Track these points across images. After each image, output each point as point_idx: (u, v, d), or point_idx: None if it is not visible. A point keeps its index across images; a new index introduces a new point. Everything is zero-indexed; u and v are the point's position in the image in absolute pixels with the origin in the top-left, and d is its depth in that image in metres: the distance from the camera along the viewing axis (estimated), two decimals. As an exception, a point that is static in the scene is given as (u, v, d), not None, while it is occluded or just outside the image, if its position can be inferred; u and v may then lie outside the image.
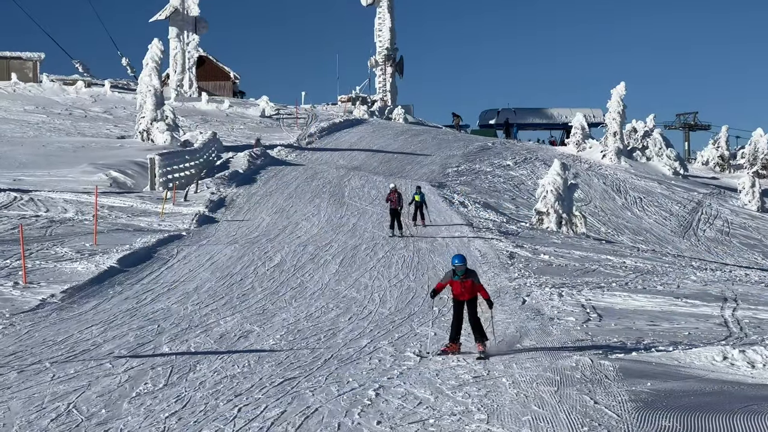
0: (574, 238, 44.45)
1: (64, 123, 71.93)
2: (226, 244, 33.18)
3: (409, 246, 35.24)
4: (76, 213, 37.71)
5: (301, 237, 36.28)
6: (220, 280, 27.12)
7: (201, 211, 40.53)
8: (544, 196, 47.52)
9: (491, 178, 63.68)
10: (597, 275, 31.15)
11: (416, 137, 79.83)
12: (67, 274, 25.93)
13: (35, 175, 47.07)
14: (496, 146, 79.88)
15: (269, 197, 46.17)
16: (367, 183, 52.34)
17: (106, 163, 50.35)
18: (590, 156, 79.57)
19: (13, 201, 39.07)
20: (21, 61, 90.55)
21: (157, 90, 60.64)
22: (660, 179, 73.76)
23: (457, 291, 18.24)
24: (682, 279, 31.18)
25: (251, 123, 79.96)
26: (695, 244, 53.12)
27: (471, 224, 42.41)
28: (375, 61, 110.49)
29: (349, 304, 24.41)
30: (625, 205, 61.90)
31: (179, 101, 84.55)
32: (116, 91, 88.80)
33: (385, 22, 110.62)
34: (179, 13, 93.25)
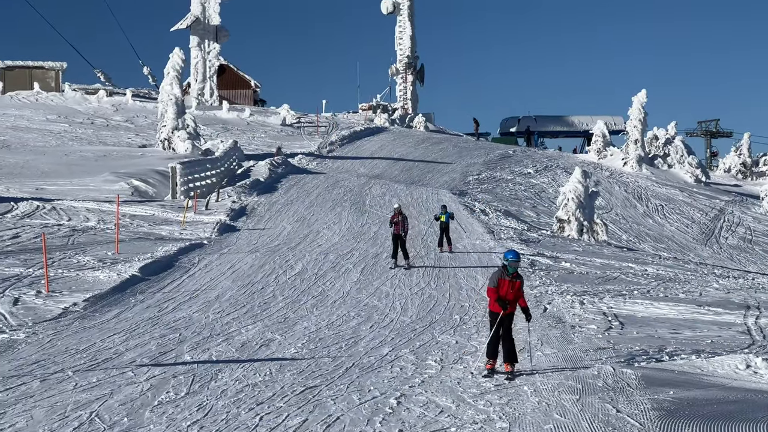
0: (595, 245, 44.33)
1: (86, 132, 72.20)
2: (247, 253, 33.21)
3: (430, 254, 35.21)
4: (98, 222, 37.83)
5: (322, 245, 36.29)
6: (241, 288, 27.15)
7: (222, 220, 40.59)
8: (565, 203, 47.41)
9: (512, 186, 63.59)
10: (619, 283, 31.05)
11: (437, 145, 79.80)
12: (90, 283, 26.01)
13: (57, 184, 47.24)
14: (517, 154, 79.78)
15: (290, 206, 46.21)
16: (388, 191, 52.34)
17: (128, 171, 50.50)
18: (611, 163, 79.37)
19: (36, 210, 39.22)
20: (43, 71, 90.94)
21: (178, 99, 60.80)
22: (682, 186, 73.55)
23: (504, 292, 17.41)
24: (704, 287, 31.06)
25: (272, 131, 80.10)
26: (717, 252, 52.91)
27: (492, 232, 42.34)
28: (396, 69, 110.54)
29: (371, 313, 24.41)
30: (647, 212, 61.71)
31: (200, 110, 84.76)
32: (138, 100, 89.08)
33: (405, 30, 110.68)
34: (200, 23, 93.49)
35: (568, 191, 47.64)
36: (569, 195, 47.26)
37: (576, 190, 47.30)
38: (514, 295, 17.40)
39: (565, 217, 47.20)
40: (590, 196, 48.08)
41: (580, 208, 47.01)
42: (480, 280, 29.50)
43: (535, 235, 44.42)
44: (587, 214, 47.31)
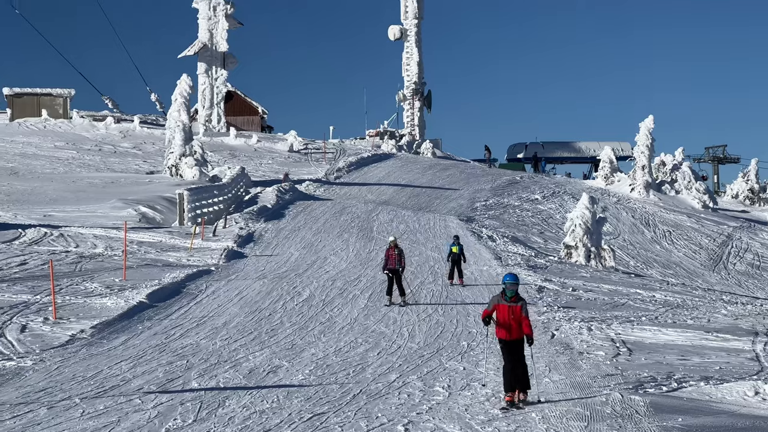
0: (603, 271, 44.29)
1: (94, 159, 72.32)
2: (254, 279, 33.21)
3: (438, 281, 35.20)
4: (105, 248, 37.85)
5: (329, 272, 36.27)
6: (248, 315, 27.14)
7: (229, 246, 40.60)
8: (573, 229, 47.37)
9: (519, 212, 63.55)
10: (626, 309, 31.00)
11: (444, 171, 79.84)
12: (97, 310, 26.01)
13: (65, 211, 47.29)
14: (524, 180, 79.77)
15: (297, 232, 46.23)
16: (396, 217, 52.35)
17: (135, 198, 50.57)
18: (619, 189, 79.27)
19: (44, 236, 39.26)
20: (51, 98, 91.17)
21: (185, 125, 60.91)
22: (689, 212, 73.45)
23: (503, 317, 17.10)
24: (712, 313, 30.99)
25: (279, 158, 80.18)
26: (725, 278, 52.78)
27: (499, 258, 42.33)
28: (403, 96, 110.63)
29: (378, 339, 24.37)
30: (654, 238, 61.61)
31: (208, 136, 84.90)
32: (145, 126, 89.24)
33: (412, 56, 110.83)
34: (208, 49, 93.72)
35: (575, 217, 47.59)
36: (577, 221, 47.21)
37: (583, 216, 47.25)
38: (516, 321, 17.10)
39: (573, 243, 47.14)
40: (598, 222, 48.03)
41: (587, 234, 46.95)
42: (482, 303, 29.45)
43: (543, 261, 44.38)
44: (595, 240, 47.25)
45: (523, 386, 17.16)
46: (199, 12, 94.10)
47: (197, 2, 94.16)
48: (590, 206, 47.73)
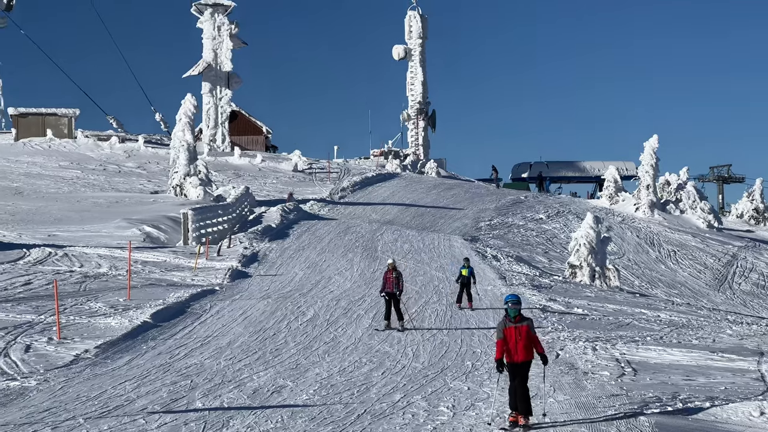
0: (607, 291, 44.24)
1: (99, 178, 72.41)
2: (259, 299, 33.19)
3: (442, 300, 35.16)
4: (109, 268, 37.85)
5: (333, 291, 36.25)
6: (253, 335, 27.11)
7: (234, 266, 40.59)
8: (577, 249, 47.32)
9: (524, 231, 63.52)
10: (631, 329, 30.95)
11: (449, 191, 79.85)
12: (101, 330, 26.01)
13: (70, 231, 47.31)
14: (529, 200, 79.77)
15: (302, 252, 46.21)
16: (400, 237, 52.33)
17: (140, 218, 50.59)
18: (623, 209, 79.22)
19: (48, 256, 39.26)
20: (56, 118, 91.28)
21: (190, 145, 60.99)
22: (694, 232, 73.38)
23: (511, 341, 16.91)
24: (717, 333, 30.94)
25: (284, 177, 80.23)
26: (731, 298, 52.70)
27: (504, 278, 42.30)
28: (407, 115, 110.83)
29: (383, 359, 24.34)
30: (659, 258, 61.55)
31: (212, 156, 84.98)
32: (150, 146, 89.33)
33: (417, 76, 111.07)
34: (212, 69, 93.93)
35: (579, 237, 47.56)
36: (581, 240, 47.18)
37: (588, 236, 47.21)
38: (524, 343, 16.93)
39: (577, 262, 47.09)
40: (602, 242, 47.98)
41: (592, 254, 46.90)
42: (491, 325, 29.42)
43: (547, 281, 44.34)
44: (599, 259, 47.20)
45: (524, 411, 16.95)
46: (204, 32, 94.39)
47: (202, 22, 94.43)
48: (595, 226, 47.70)
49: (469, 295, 33.96)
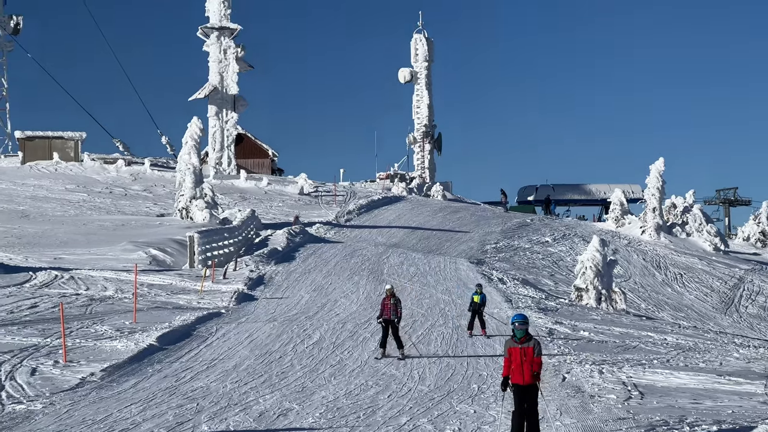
0: (614, 314, 44.17)
1: (105, 201, 72.49)
2: (265, 322, 33.17)
3: (448, 323, 35.11)
4: (115, 291, 37.86)
5: (339, 314, 36.22)
6: (259, 357, 27.09)
7: (240, 289, 40.58)
8: (584, 272, 47.27)
9: (530, 254, 63.48)
10: (638, 352, 30.88)
11: (455, 214, 79.87)
12: (107, 353, 25.99)
13: (76, 254, 47.34)
14: (535, 223, 79.74)
15: (308, 275, 46.19)
16: (406, 260, 52.31)
17: (146, 241, 50.60)
18: (629, 232, 79.15)
19: (54, 279, 39.29)
20: (63, 141, 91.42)
21: (196, 168, 61.06)
22: (700, 255, 73.28)
23: (516, 362, 16.87)
24: (724, 356, 30.86)
25: (290, 200, 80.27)
26: (737, 321, 52.61)
27: (510, 301, 42.26)
28: (413, 138, 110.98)
29: (389, 382, 24.30)
30: (666, 281, 61.47)
31: (218, 179, 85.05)
32: (156, 169, 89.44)
33: (423, 99, 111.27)
34: (218, 92, 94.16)
35: (586, 260, 47.51)
36: (587, 263, 47.13)
37: (594, 259, 47.17)
38: (529, 363, 16.88)
39: (584, 285, 47.04)
40: (608, 265, 47.94)
41: (598, 277, 46.85)
42: (498, 349, 29.39)
43: (553, 304, 44.29)
44: (605, 282, 47.15)
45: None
46: (210, 55, 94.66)
47: (208, 45, 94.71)
48: (601, 249, 47.65)
49: (482, 322, 32.90)
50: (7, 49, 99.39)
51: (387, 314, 28.41)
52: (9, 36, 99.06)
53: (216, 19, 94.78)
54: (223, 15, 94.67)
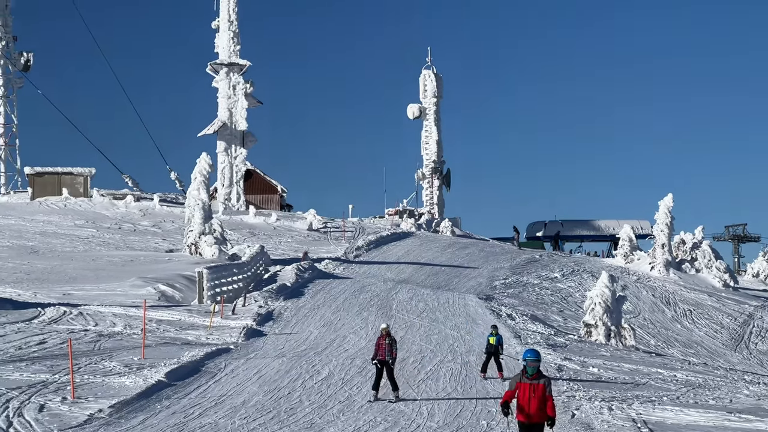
0: (623, 350, 44.07)
1: (114, 237, 72.57)
2: (273, 358, 33.12)
3: (457, 359, 35.02)
4: (124, 327, 37.84)
5: (348, 350, 36.16)
6: (267, 393, 27.04)
7: (249, 325, 40.53)
8: (593, 308, 47.19)
9: (539, 290, 63.41)
10: (647, 389, 30.79)
11: (463, 250, 79.85)
12: (115, 389, 25.95)
13: (84, 289, 47.36)
14: (544, 258, 79.70)
15: (317, 310, 46.15)
16: (415, 296, 52.25)
17: (155, 276, 50.63)
18: (638, 268, 79.07)
19: (63, 315, 39.28)
20: (72, 176, 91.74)
21: (205, 204, 61.13)
22: (710, 291, 73.13)
23: (524, 398, 16.64)
24: (734, 393, 30.75)
25: (299, 236, 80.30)
26: (747, 358, 52.45)
27: (519, 337, 42.19)
28: (422, 174, 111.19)
29: (397, 418, 24.24)
30: (675, 317, 61.33)
31: (227, 214, 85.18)
32: (165, 204, 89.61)
33: (431, 135, 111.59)
34: (227, 128, 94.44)
35: (595, 296, 47.44)
36: (596, 299, 47.06)
37: (603, 295, 47.09)
38: (538, 401, 16.65)
39: (593, 321, 46.95)
40: (617, 301, 47.85)
41: (607, 313, 46.76)
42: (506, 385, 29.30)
43: (562, 340, 44.20)
44: (615, 318, 47.05)
45: None
46: (219, 91, 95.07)
47: (217, 81, 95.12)
48: (610, 285, 47.59)
49: (498, 365, 31.69)
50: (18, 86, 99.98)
51: (382, 355, 27.25)
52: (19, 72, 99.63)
53: (225, 56, 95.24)
54: (233, 51, 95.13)
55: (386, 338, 27.35)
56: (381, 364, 27.21)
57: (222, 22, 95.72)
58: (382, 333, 27.57)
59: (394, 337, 27.74)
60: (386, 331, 27.63)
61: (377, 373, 27.28)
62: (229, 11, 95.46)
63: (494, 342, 31.61)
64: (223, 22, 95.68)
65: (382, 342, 27.31)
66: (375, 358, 27.41)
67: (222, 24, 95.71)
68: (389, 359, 27.10)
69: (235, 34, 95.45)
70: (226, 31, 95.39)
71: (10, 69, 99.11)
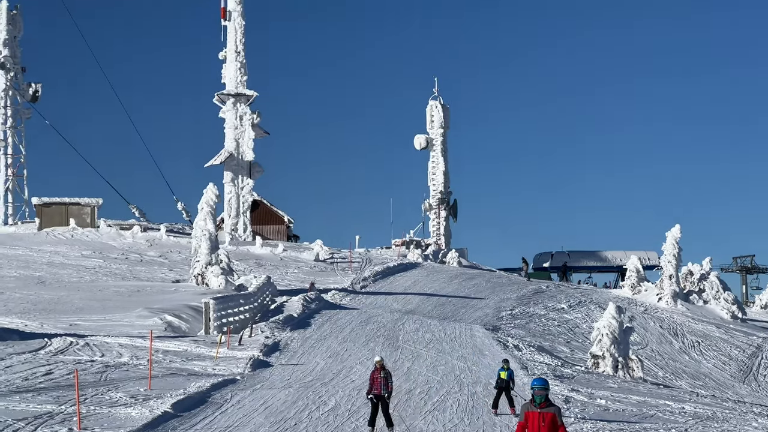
0: (631, 382, 43.92)
1: (120, 267, 72.59)
2: (280, 389, 33.04)
3: (464, 390, 34.91)
4: (131, 357, 37.79)
5: (355, 381, 36.07)
6: (274, 425, 26.96)
7: (255, 355, 40.47)
8: (600, 339, 47.08)
9: (545, 321, 63.29)
10: (655, 421, 30.67)
11: (470, 281, 79.76)
12: (122, 420, 25.89)
13: (91, 320, 47.34)
14: (550, 289, 79.58)
15: (323, 341, 46.08)
16: (422, 327, 52.16)
17: (161, 307, 50.62)
18: (646, 299, 78.91)
19: (69, 346, 39.25)
20: (79, 207, 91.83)
21: (211, 234, 61.15)
22: (718, 323, 72.94)
23: (533, 427, 16.45)
24: (743, 425, 30.63)
25: (305, 267, 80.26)
26: (756, 390, 52.26)
27: (526, 368, 42.07)
28: (429, 205, 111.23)
29: (404, 450, 24.13)
30: (683, 349, 61.15)
31: (234, 245, 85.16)
32: (171, 235, 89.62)
33: (438, 165, 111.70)
34: (234, 158, 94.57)
35: (602, 327, 47.34)
36: (603, 330, 46.96)
37: (610, 326, 46.99)
38: (548, 430, 16.48)
39: (600, 352, 46.82)
40: (625, 332, 47.74)
41: (614, 344, 46.65)
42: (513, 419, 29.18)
43: (570, 371, 44.07)
44: (622, 350, 46.93)
45: None
46: (226, 121, 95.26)
47: (224, 112, 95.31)
48: (617, 316, 47.49)
49: (510, 400, 30.85)
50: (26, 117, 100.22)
51: (377, 389, 26.39)
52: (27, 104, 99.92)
53: (232, 86, 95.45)
54: (240, 81, 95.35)
55: (381, 371, 26.56)
56: (377, 399, 26.47)
57: (229, 53, 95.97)
58: (376, 366, 26.73)
59: (389, 370, 27.01)
60: (380, 364, 26.80)
61: (372, 408, 26.59)
62: (236, 42, 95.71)
63: (506, 377, 30.93)
64: (230, 53, 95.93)
65: (377, 376, 26.51)
66: (370, 392, 26.67)
67: (229, 55, 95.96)
68: (385, 393, 26.35)
69: (242, 64, 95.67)
70: (233, 62, 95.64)
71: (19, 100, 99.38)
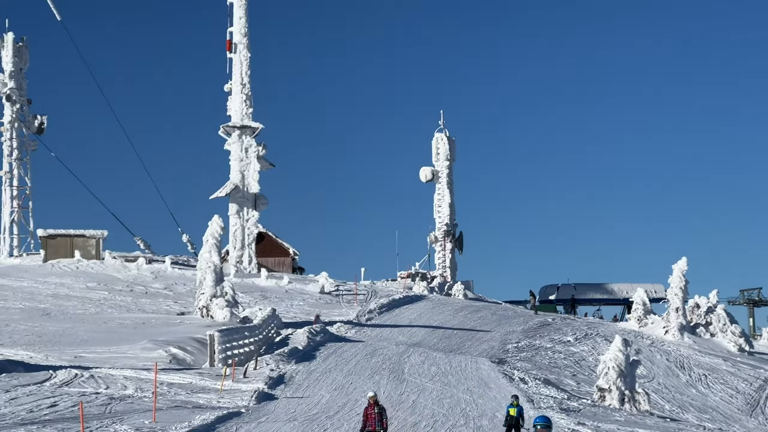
0: (637, 415, 43.72)
1: (125, 299, 72.53)
2: (285, 422, 32.91)
3: (470, 423, 34.76)
4: (135, 390, 37.68)
5: (360, 414, 35.87)
6: (279, 458, 26.81)
7: (260, 388, 40.35)
8: (606, 372, 46.89)
9: (551, 354, 63.09)
10: (663, 454, 30.49)
11: (476, 313, 79.59)
12: (126, 452, 25.77)
13: (96, 352, 47.27)
14: (556, 322, 79.37)
15: (328, 374, 45.94)
16: (427, 359, 52.00)
17: (166, 339, 50.53)
18: (652, 332, 78.64)
19: (74, 378, 39.16)
20: (84, 239, 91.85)
21: (216, 266, 61.08)
22: (725, 356, 72.67)
23: None
24: (751, 458, 30.44)
25: (310, 299, 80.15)
26: (763, 423, 52.02)
27: (532, 401, 41.89)
28: (434, 237, 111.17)
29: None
30: (690, 382, 60.90)
31: (239, 277, 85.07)
32: (176, 267, 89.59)
33: (444, 198, 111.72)
34: (239, 191, 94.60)
35: (608, 360, 47.15)
36: (610, 363, 46.76)
37: (616, 359, 46.80)
38: None
39: (606, 385, 46.62)
40: (631, 365, 47.54)
41: (621, 377, 46.45)
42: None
43: (576, 404, 43.89)
44: (628, 383, 46.73)
45: None
46: (231, 154, 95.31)
47: (229, 144, 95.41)
48: (623, 348, 47.30)
49: None
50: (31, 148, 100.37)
51: (372, 425, 25.76)
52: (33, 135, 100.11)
53: (237, 118, 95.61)
54: (245, 114, 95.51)
55: (374, 407, 25.83)
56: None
57: (234, 85, 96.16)
58: (370, 402, 26.06)
59: (383, 406, 26.33)
60: (374, 399, 26.12)
61: None
62: (241, 74, 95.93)
63: (515, 413, 30.39)
64: (235, 85, 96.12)
65: (371, 411, 25.78)
66: (364, 429, 25.96)
67: (234, 87, 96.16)
68: (380, 430, 25.59)
69: (247, 96, 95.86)
70: (239, 94, 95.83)
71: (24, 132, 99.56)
